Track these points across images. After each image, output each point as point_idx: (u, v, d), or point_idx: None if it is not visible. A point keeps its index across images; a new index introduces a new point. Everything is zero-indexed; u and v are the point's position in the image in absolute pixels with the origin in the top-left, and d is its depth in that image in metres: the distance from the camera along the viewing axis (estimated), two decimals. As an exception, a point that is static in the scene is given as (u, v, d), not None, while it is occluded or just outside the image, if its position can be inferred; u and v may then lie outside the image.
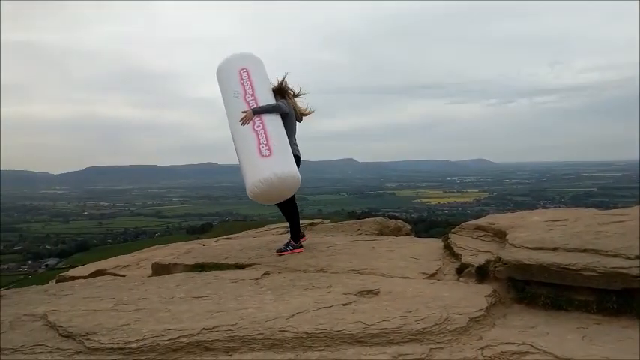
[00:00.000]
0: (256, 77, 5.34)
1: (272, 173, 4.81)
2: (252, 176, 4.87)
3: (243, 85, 5.24)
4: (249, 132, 5.00)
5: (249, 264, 5.23)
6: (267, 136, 4.97)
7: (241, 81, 5.27)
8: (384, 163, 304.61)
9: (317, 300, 3.63)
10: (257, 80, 5.32)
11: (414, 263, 4.86)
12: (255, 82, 5.29)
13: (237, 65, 5.40)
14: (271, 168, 4.83)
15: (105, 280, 5.19)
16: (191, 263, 5.58)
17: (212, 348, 2.95)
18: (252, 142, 4.95)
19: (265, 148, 4.90)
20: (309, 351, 2.91)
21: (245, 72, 5.32)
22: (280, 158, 4.93)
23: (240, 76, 5.29)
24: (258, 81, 5.33)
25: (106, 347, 2.96)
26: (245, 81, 5.27)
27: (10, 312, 3.66)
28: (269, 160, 4.85)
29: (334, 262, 4.97)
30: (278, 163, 4.88)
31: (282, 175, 4.86)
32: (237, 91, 5.23)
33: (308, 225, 8.51)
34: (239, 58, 5.49)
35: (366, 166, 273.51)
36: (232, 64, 5.43)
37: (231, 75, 5.35)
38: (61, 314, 3.51)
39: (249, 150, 4.96)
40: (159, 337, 3.01)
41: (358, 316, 3.26)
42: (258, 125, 5.02)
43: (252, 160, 4.92)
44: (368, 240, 6.32)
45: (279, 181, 4.85)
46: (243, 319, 3.24)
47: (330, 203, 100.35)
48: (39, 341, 3.11)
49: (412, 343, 2.96)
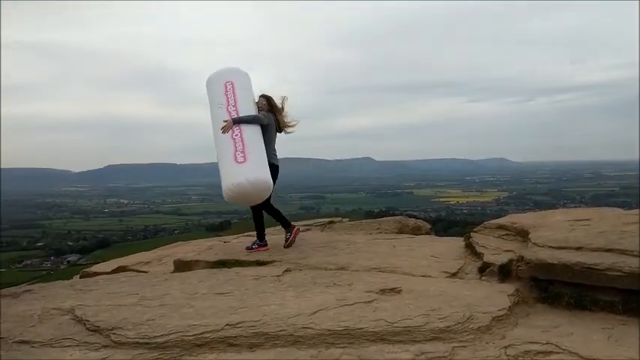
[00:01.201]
0: (240, 90, 5.78)
1: (244, 178, 5.23)
2: (227, 180, 5.31)
3: (227, 96, 5.70)
4: (228, 139, 5.45)
5: (269, 261, 5.26)
6: (243, 144, 5.40)
7: (225, 93, 5.73)
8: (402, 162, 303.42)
9: (339, 298, 3.65)
10: (240, 93, 5.76)
11: (435, 262, 4.85)
12: (239, 94, 5.73)
13: (223, 78, 5.86)
14: (244, 174, 5.25)
15: (128, 276, 5.26)
16: (212, 260, 5.63)
17: (236, 344, 2.98)
18: (229, 149, 5.39)
19: (241, 155, 5.33)
20: (331, 348, 2.92)
21: (230, 84, 5.77)
22: (253, 165, 5.35)
23: (225, 88, 5.75)
24: (241, 94, 5.77)
25: (132, 342, 3.00)
26: (229, 93, 5.72)
27: (38, 306, 3.73)
28: (243, 167, 5.29)
29: (355, 261, 4.98)
30: (250, 170, 5.29)
31: (254, 180, 5.27)
32: (221, 102, 5.68)
33: (327, 223, 8.53)
34: (226, 72, 5.95)
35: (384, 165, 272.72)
36: (219, 77, 5.90)
37: (218, 87, 5.81)
38: (88, 309, 3.57)
39: (226, 156, 5.40)
40: (183, 333, 3.05)
41: (380, 314, 3.27)
42: (236, 134, 5.47)
43: (228, 166, 5.36)
44: (388, 239, 6.32)
45: (251, 186, 5.26)
46: (265, 316, 3.27)
47: (347, 202, 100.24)
48: (67, 335, 3.17)
49: (435, 342, 2.96)
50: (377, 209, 64.41)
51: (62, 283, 4.85)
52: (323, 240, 6.38)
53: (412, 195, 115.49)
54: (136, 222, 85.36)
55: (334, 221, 8.70)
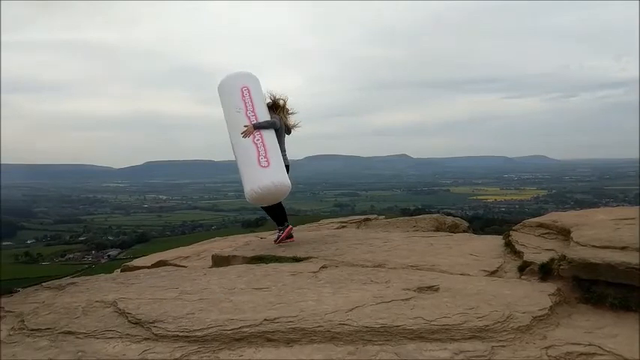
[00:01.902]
0: (255, 95, 6.02)
1: (270, 182, 5.61)
2: (252, 183, 5.64)
3: (245, 101, 5.92)
4: (250, 144, 5.73)
5: (306, 257, 5.28)
6: (265, 149, 5.71)
7: (243, 98, 5.93)
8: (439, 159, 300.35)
9: (376, 295, 3.64)
10: (256, 98, 6.00)
11: (473, 260, 4.79)
12: (255, 99, 5.97)
13: (239, 83, 6.04)
14: (269, 177, 5.62)
15: (168, 270, 5.36)
16: (250, 255, 5.69)
17: (273, 339, 3.00)
18: (252, 154, 5.69)
19: (264, 159, 5.66)
20: (368, 345, 2.92)
21: (246, 90, 5.98)
22: (276, 169, 5.72)
23: (242, 93, 5.95)
24: (257, 98, 6.01)
25: (172, 335, 3.06)
26: (246, 98, 5.93)
27: (82, 298, 3.84)
28: (267, 171, 5.64)
29: (392, 258, 4.96)
30: (275, 174, 5.67)
31: (279, 183, 5.68)
32: (239, 107, 5.89)
33: (363, 220, 8.53)
34: (241, 77, 6.13)
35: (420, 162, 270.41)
36: (235, 82, 6.07)
37: (234, 92, 6.00)
38: (129, 302, 3.65)
39: (249, 160, 5.70)
40: (222, 327, 3.10)
41: (418, 312, 3.25)
42: (257, 139, 5.75)
43: (253, 170, 5.67)
44: (425, 236, 6.27)
45: (276, 189, 5.67)
46: (303, 312, 3.29)
47: (382, 199, 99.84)
48: (110, 327, 3.26)
49: (473, 341, 2.92)
50: (413, 207, 63.98)
51: (105, 277, 4.98)
52: (359, 237, 6.38)
53: (449, 193, 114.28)
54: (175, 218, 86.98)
55: (370, 218, 8.69)
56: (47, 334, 3.23)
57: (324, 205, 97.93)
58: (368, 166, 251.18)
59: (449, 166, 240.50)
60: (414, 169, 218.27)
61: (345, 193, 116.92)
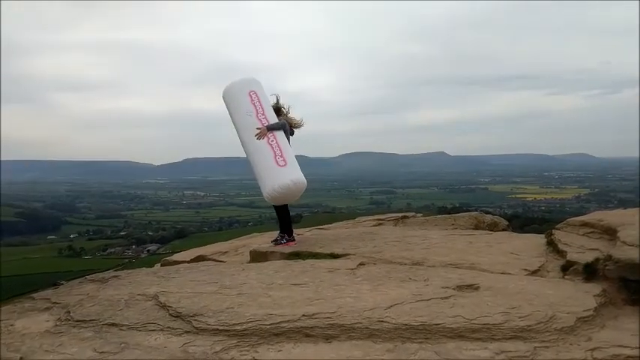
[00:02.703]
0: (263, 98, 6.21)
1: (289, 180, 5.77)
2: (272, 182, 5.77)
3: (254, 105, 6.08)
4: (265, 145, 5.89)
5: (343, 254, 5.27)
6: (280, 149, 5.87)
7: (252, 102, 6.10)
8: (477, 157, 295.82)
9: (414, 293, 3.60)
10: (264, 101, 6.20)
11: (514, 259, 4.70)
12: (263, 102, 6.16)
13: (246, 88, 6.21)
14: (288, 176, 5.78)
15: (207, 265, 5.43)
16: (287, 251, 5.72)
17: (312, 335, 3.01)
18: (269, 154, 5.84)
19: (281, 159, 5.82)
20: (407, 343, 2.90)
21: (254, 94, 6.15)
22: (293, 167, 5.90)
23: (250, 97, 6.12)
24: (265, 102, 6.21)
25: (212, 328, 3.10)
26: (255, 102, 6.10)
27: (125, 291, 3.92)
28: (285, 170, 5.80)
29: (430, 256, 4.91)
30: (293, 172, 5.86)
31: (297, 181, 5.84)
32: (250, 110, 6.05)
33: (400, 218, 8.46)
34: (247, 83, 6.28)
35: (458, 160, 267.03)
36: (242, 87, 6.23)
37: (242, 96, 6.15)
38: (170, 295, 3.71)
39: (266, 161, 5.85)
40: (261, 322, 3.12)
41: (458, 310, 3.20)
42: (272, 140, 5.92)
43: (271, 170, 5.81)
44: (464, 234, 6.19)
45: (295, 186, 5.82)
46: (341, 308, 3.28)
47: (419, 197, 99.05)
48: (151, 320, 3.32)
49: (515, 341, 2.87)
50: (450, 205, 63.26)
51: (146, 270, 5.08)
52: (396, 235, 6.34)
53: (487, 191, 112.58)
54: (212, 214, 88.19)
55: (407, 216, 8.62)
56: (92, 326, 3.32)
57: (360, 202, 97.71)
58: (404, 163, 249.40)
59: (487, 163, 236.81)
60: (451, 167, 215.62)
61: (381, 191, 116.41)
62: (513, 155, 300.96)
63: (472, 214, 8.30)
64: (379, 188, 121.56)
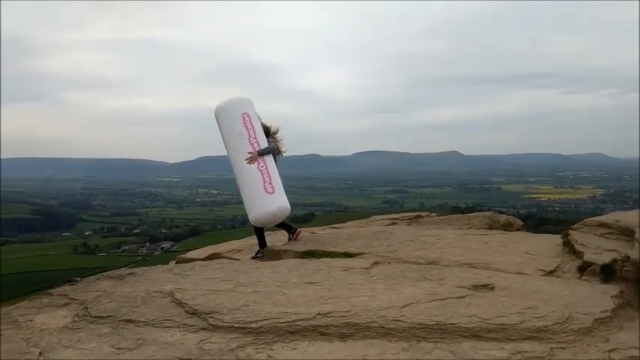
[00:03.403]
0: (255, 121, 6.27)
1: (276, 207, 6.02)
2: (260, 208, 6.00)
3: (247, 128, 6.15)
4: (255, 171, 6.04)
5: (357, 253, 5.27)
6: (269, 176, 6.05)
7: (245, 124, 6.16)
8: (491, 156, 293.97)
9: (429, 292, 3.60)
10: (256, 124, 6.27)
11: (530, 259, 4.67)
12: (255, 125, 6.24)
13: (240, 109, 6.25)
14: (275, 203, 6.02)
15: (221, 263, 5.46)
16: (301, 250, 5.73)
17: (327, 333, 3.01)
18: (258, 180, 6.02)
19: (269, 186, 6.02)
20: (423, 342, 2.89)
21: (247, 116, 6.21)
22: (280, 195, 6.11)
23: (243, 120, 6.17)
24: (257, 124, 6.28)
25: (227, 326, 3.12)
26: (248, 125, 6.17)
27: (141, 288, 3.96)
28: (272, 197, 6.02)
29: (445, 255, 4.89)
30: (279, 199, 6.08)
31: (283, 208, 6.10)
32: (242, 133, 6.14)
33: (414, 217, 8.44)
34: (240, 104, 6.33)
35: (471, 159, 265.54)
36: (235, 109, 6.26)
37: (236, 118, 6.20)
38: (186, 293, 3.74)
39: (255, 186, 6.04)
40: (276, 320, 3.13)
41: (473, 310, 3.20)
42: (262, 165, 6.07)
43: (259, 195, 6.02)
44: (479, 234, 6.16)
45: (281, 213, 6.10)
46: (356, 307, 3.29)
47: (432, 196, 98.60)
48: (168, 316, 3.35)
49: (531, 341, 2.85)
50: (463, 205, 62.91)
51: (162, 268, 5.12)
52: (411, 234, 6.32)
53: (500, 190, 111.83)
54: (226, 212, 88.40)
55: (421, 215, 8.59)
56: (109, 322, 3.35)
57: (373, 201, 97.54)
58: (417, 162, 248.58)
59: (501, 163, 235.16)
60: (465, 166, 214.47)
61: (394, 190, 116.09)
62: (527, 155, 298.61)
63: (486, 213, 8.26)
64: (392, 187, 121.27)
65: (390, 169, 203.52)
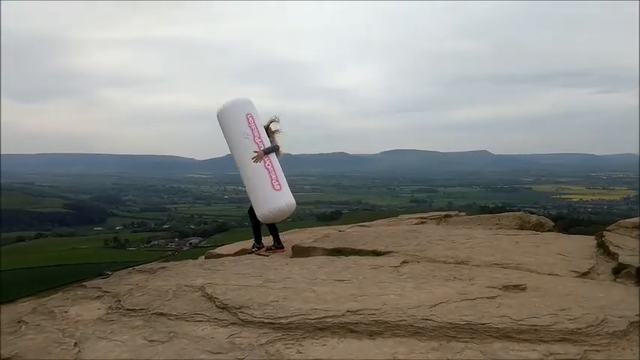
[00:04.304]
0: (258, 121, 6.40)
1: (284, 204, 6.17)
2: (268, 205, 6.14)
3: (251, 128, 6.28)
4: (262, 169, 6.19)
5: (386, 251, 5.26)
6: (276, 174, 6.22)
7: (249, 125, 6.29)
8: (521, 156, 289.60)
9: (460, 292, 3.57)
10: (259, 124, 6.40)
11: (562, 260, 4.59)
12: (259, 125, 6.37)
13: (244, 110, 6.37)
14: (284, 199, 6.19)
15: (251, 258, 5.51)
16: (329, 247, 5.74)
17: (356, 330, 3.01)
18: (265, 178, 6.17)
19: (277, 183, 6.18)
20: (453, 341, 2.87)
21: (251, 117, 6.34)
22: (287, 191, 6.28)
23: (247, 120, 6.30)
24: (259, 125, 6.41)
25: (257, 321, 3.14)
26: (252, 125, 6.30)
27: (173, 282, 4.02)
28: (280, 194, 6.18)
29: (475, 255, 4.85)
30: (287, 196, 6.26)
31: (290, 204, 6.26)
32: (247, 133, 6.27)
33: (443, 216, 8.38)
34: (243, 104, 6.42)
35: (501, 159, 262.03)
36: (240, 109, 6.37)
37: (240, 119, 6.32)
38: (216, 287, 3.78)
39: (264, 184, 6.18)
40: (305, 316, 3.14)
41: (504, 311, 3.16)
42: (268, 164, 6.23)
43: (268, 193, 6.16)
44: (509, 234, 6.08)
45: (288, 209, 6.23)
46: (385, 305, 3.28)
47: (461, 196, 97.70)
48: (198, 310, 3.39)
49: (564, 343, 2.81)
50: (492, 204, 62.16)
51: (192, 262, 5.18)
52: (440, 233, 6.28)
53: (531, 190, 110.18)
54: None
55: (450, 215, 8.53)
56: (141, 314, 3.41)
57: (400, 200, 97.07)
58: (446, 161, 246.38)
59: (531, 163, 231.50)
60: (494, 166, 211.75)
61: (422, 189, 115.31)
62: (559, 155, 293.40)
63: (517, 213, 8.15)
64: (420, 186, 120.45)
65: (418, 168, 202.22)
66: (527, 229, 7.16)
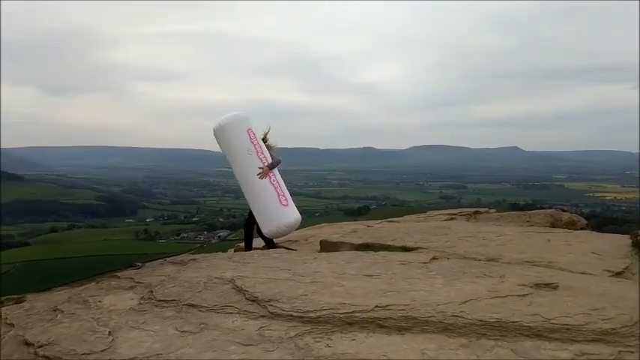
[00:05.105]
0: (258, 136, 6.43)
1: (293, 219, 6.26)
2: (277, 220, 6.17)
3: (254, 143, 6.29)
4: (268, 185, 6.20)
5: (415, 247, 5.24)
6: (282, 189, 6.27)
7: (251, 140, 6.29)
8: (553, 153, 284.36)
9: (490, 289, 3.54)
10: (259, 139, 6.43)
11: (596, 259, 4.51)
12: (260, 140, 6.40)
13: (244, 126, 6.36)
14: (292, 215, 6.27)
15: (279, 252, 5.54)
16: (357, 243, 5.75)
17: (385, 326, 3.01)
18: (272, 194, 6.19)
19: (283, 198, 6.23)
20: (482, 339, 2.85)
21: (252, 132, 6.35)
22: (293, 207, 6.33)
23: (249, 136, 6.30)
24: (260, 139, 6.45)
25: (286, 314, 3.17)
26: (254, 140, 6.32)
27: (203, 274, 4.07)
28: (288, 209, 6.24)
29: (505, 252, 4.79)
30: (294, 210, 6.34)
31: (298, 219, 6.39)
32: (250, 149, 6.26)
33: (473, 213, 8.30)
34: (243, 120, 6.41)
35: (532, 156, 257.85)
36: (240, 124, 6.36)
37: (242, 134, 6.30)
38: (246, 280, 3.82)
39: (271, 200, 6.20)
40: (334, 310, 3.15)
41: (536, 309, 3.12)
42: (274, 179, 6.26)
43: (276, 209, 6.18)
44: (541, 232, 5.99)
45: (295, 224, 6.36)
46: (414, 301, 3.27)
47: (490, 193, 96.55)
48: (229, 302, 3.43)
49: (597, 344, 2.76)
50: (522, 202, 61.27)
51: (222, 255, 5.24)
52: (470, 230, 6.22)
53: (563, 188, 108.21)
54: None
55: (480, 211, 8.44)
56: (173, 305, 3.47)
57: (429, 196, 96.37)
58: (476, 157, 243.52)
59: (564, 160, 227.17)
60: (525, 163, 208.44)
61: (451, 185, 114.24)
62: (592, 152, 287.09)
63: (548, 211, 8.03)
64: (449, 182, 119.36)
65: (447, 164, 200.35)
66: (559, 227, 7.04)
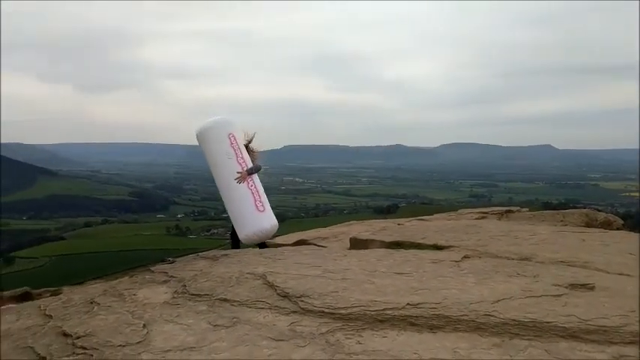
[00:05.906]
0: (239, 141, 6.35)
1: (269, 225, 6.18)
2: (253, 227, 6.09)
3: (234, 148, 6.21)
4: (246, 190, 6.13)
5: (447, 246, 5.20)
6: (259, 194, 6.18)
7: (231, 145, 6.22)
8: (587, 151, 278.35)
9: (523, 288, 3.49)
10: (241, 144, 6.36)
11: (633, 260, 4.40)
12: (241, 145, 6.33)
13: (226, 130, 6.30)
14: (268, 221, 6.19)
15: (310, 249, 5.57)
16: (388, 240, 5.72)
17: (416, 324, 3.00)
18: (249, 199, 6.12)
19: (260, 204, 6.15)
20: (516, 339, 2.81)
21: (233, 137, 6.28)
22: (270, 213, 6.27)
23: (230, 141, 6.23)
24: (241, 144, 6.37)
25: (317, 310, 3.18)
26: (235, 145, 6.24)
27: (235, 269, 4.12)
28: (264, 215, 6.16)
29: (539, 252, 4.72)
30: (270, 216, 6.26)
31: (274, 225, 6.29)
32: (230, 154, 6.18)
33: (505, 212, 8.19)
34: (226, 124, 6.39)
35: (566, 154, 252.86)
36: (222, 129, 6.31)
37: (223, 139, 6.25)
38: (277, 276, 3.85)
39: (247, 205, 6.13)
40: (365, 307, 3.15)
41: (571, 310, 3.07)
42: (251, 184, 6.18)
43: (252, 214, 6.11)
44: (576, 232, 5.88)
45: (272, 230, 6.29)
46: (446, 299, 3.25)
47: (522, 191, 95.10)
48: (260, 298, 3.46)
49: (635, 346, 2.70)
50: (556, 201, 60.14)
51: (253, 251, 5.29)
52: (502, 229, 6.14)
53: (597, 187, 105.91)
54: (309, 200, 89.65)
55: (512, 210, 8.33)
56: (205, 300, 3.52)
57: (460, 194, 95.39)
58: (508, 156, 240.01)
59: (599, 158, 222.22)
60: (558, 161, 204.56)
61: (482, 184, 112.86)
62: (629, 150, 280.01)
63: (583, 210, 7.87)
64: (480, 181, 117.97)
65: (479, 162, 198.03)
66: (595, 227, 6.90)
